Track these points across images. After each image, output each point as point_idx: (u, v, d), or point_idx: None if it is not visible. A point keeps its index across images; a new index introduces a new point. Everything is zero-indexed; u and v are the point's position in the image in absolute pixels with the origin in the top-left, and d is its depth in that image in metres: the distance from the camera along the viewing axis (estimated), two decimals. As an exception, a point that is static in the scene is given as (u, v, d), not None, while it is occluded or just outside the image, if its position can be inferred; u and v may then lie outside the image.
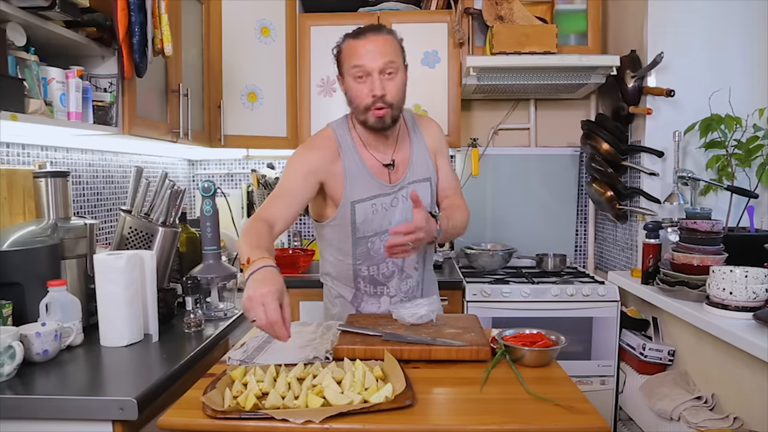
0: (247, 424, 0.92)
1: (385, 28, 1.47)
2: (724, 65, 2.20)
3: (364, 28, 1.46)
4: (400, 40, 1.49)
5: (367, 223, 1.51)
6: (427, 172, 1.58)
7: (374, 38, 1.42)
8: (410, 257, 1.54)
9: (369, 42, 1.41)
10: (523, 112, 2.91)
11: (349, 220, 1.50)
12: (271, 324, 1.06)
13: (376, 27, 1.46)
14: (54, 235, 1.42)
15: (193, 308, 1.51)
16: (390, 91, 1.43)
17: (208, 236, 1.68)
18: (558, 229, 2.85)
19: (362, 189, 1.49)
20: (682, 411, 1.71)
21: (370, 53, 1.41)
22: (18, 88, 1.31)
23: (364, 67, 1.41)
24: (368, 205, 1.50)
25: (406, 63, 1.50)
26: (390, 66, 1.41)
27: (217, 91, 2.40)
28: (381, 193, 1.51)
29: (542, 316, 2.25)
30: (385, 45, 1.42)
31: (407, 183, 1.53)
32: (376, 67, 1.40)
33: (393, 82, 1.43)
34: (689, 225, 1.87)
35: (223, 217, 1.88)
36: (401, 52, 1.48)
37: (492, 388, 1.08)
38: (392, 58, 1.42)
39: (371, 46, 1.41)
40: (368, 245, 1.53)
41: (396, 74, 1.43)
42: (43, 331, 1.24)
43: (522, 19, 2.42)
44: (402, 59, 1.47)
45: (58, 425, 1.08)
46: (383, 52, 1.41)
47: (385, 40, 1.43)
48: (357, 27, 1.48)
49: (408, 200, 1.51)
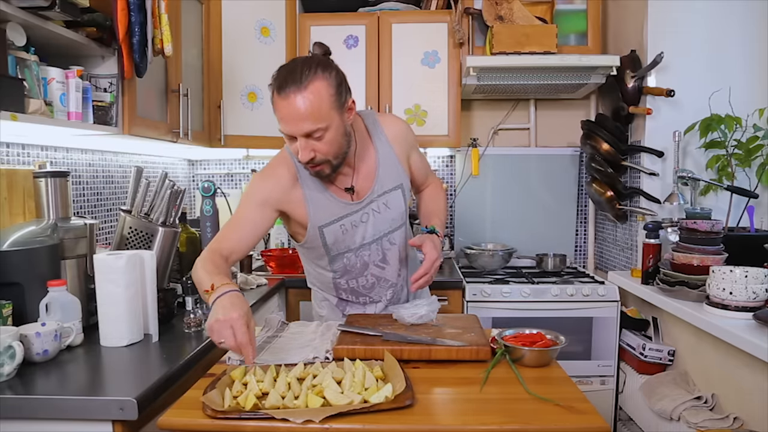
0: (247, 424, 0.92)
1: (310, 76, 1.23)
2: (724, 65, 2.20)
3: (287, 77, 1.23)
4: (333, 81, 1.26)
5: (338, 243, 1.46)
6: (397, 179, 1.49)
7: (295, 98, 1.22)
8: (391, 267, 1.54)
9: (290, 103, 1.23)
10: (523, 112, 2.91)
11: (320, 242, 1.45)
12: (239, 346, 1.11)
13: (298, 78, 1.22)
14: (54, 235, 1.42)
15: (193, 308, 1.51)
16: (320, 150, 1.29)
17: (208, 236, 1.68)
18: (558, 229, 2.85)
19: (327, 213, 1.42)
20: (682, 411, 1.71)
21: (292, 118, 1.24)
22: (18, 88, 1.31)
23: (288, 132, 1.28)
24: (336, 226, 1.44)
25: (344, 100, 1.30)
26: (316, 131, 1.25)
27: (217, 91, 2.40)
28: (348, 213, 1.44)
29: (542, 316, 2.25)
30: (311, 104, 1.22)
31: (376, 196, 1.46)
32: (300, 134, 1.26)
33: (323, 142, 1.28)
34: (689, 225, 1.87)
35: (223, 217, 1.88)
36: (335, 99, 1.26)
37: (492, 388, 1.08)
38: (318, 122, 1.24)
39: (293, 109, 1.23)
40: (344, 261, 1.50)
41: (326, 132, 1.27)
42: (43, 331, 1.24)
43: (522, 19, 2.42)
44: (336, 106, 1.27)
45: (58, 425, 1.07)
46: (305, 116, 1.23)
47: (308, 98, 1.22)
48: (286, 68, 1.26)
49: (378, 213, 1.47)
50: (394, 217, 1.50)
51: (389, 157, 1.48)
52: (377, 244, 1.50)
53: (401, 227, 1.53)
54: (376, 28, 2.56)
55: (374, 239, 1.49)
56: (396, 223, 1.51)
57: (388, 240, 1.51)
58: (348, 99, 1.32)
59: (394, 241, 1.52)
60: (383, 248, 1.51)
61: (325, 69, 1.26)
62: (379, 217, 1.48)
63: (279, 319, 1.48)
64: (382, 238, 1.50)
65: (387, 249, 1.51)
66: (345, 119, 1.32)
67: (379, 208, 1.47)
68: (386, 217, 1.49)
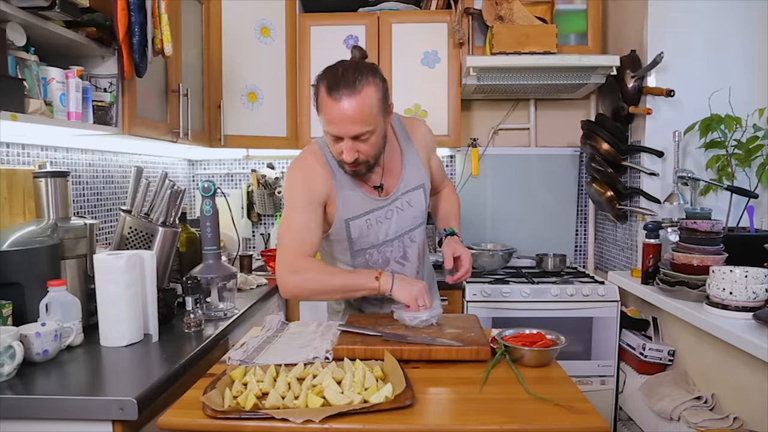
0: (247, 424, 0.92)
1: (362, 81, 1.28)
2: (724, 65, 2.20)
3: (339, 80, 1.28)
4: (381, 87, 1.32)
5: (362, 237, 1.50)
6: (420, 179, 1.55)
7: (348, 100, 1.26)
8: (411, 264, 1.58)
9: (342, 106, 1.27)
10: (523, 112, 2.91)
11: (345, 235, 1.49)
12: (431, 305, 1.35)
13: (351, 81, 1.27)
14: (54, 235, 1.42)
15: (193, 308, 1.51)
16: (364, 151, 1.34)
17: (208, 236, 1.68)
18: (558, 229, 2.85)
19: (355, 207, 1.47)
20: (682, 411, 1.71)
21: (343, 120, 1.28)
22: (18, 88, 1.31)
23: (336, 133, 1.32)
24: (362, 221, 1.48)
25: (389, 104, 1.37)
26: (364, 134, 1.31)
27: (217, 91, 2.40)
28: (374, 208, 1.49)
29: (542, 316, 2.25)
30: (361, 108, 1.27)
31: (400, 194, 1.52)
32: (349, 135, 1.31)
33: (367, 144, 1.33)
34: (689, 225, 1.87)
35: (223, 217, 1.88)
36: (382, 104, 1.32)
37: (492, 388, 1.08)
38: (367, 125, 1.30)
39: (345, 111, 1.27)
40: (366, 257, 1.53)
41: (372, 135, 1.33)
42: (43, 331, 1.24)
43: (522, 19, 2.42)
44: (382, 110, 1.33)
45: (58, 425, 1.08)
46: (356, 119, 1.28)
47: (360, 101, 1.27)
48: (335, 70, 1.30)
49: (402, 210, 1.52)
50: (416, 215, 1.56)
51: (413, 158, 1.55)
52: (399, 241, 1.54)
53: (421, 225, 1.59)
54: (376, 28, 2.56)
55: (396, 236, 1.54)
56: (417, 221, 1.57)
57: (409, 237, 1.56)
58: (390, 103, 1.39)
59: (415, 239, 1.57)
60: (404, 245, 1.56)
61: (374, 74, 1.32)
62: (402, 215, 1.52)
63: (279, 319, 1.48)
64: (404, 235, 1.55)
65: (408, 246, 1.56)
66: (387, 122, 1.39)
67: (403, 205, 1.52)
68: (408, 215, 1.54)
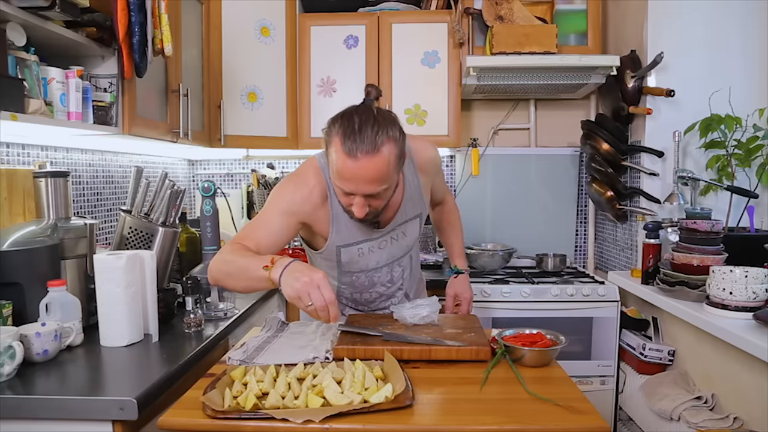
0: (247, 424, 0.92)
1: (382, 138, 1.19)
2: (724, 65, 2.20)
3: (356, 136, 1.18)
4: (400, 141, 1.24)
5: (352, 263, 1.47)
6: (418, 209, 1.50)
7: (367, 160, 1.18)
8: (395, 285, 1.57)
9: (360, 166, 1.19)
10: (523, 112, 2.91)
11: (335, 258, 1.46)
12: (329, 303, 1.10)
13: (371, 140, 1.18)
14: (54, 235, 1.42)
15: (193, 308, 1.51)
16: (375, 206, 1.29)
17: (208, 236, 1.68)
18: (558, 229, 2.85)
19: (348, 235, 1.42)
20: (682, 411, 1.71)
21: (359, 180, 1.21)
22: (18, 88, 1.31)
23: (350, 191, 1.25)
24: (354, 249, 1.45)
25: (404, 157, 1.29)
26: (379, 193, 1.25)
27: (217, 91, 2.40)
28: (367, 239, 1.45)
29: (542, 316, 2.25)
30: (380, 169, 1.20)
31: (397, 225, 1.47)
32: (363, 194, 1.24)
33: (380, 199, 1.28)
34: (689, 225, 1.87)
35: (223, 217, 1.88)
36: (399, 160, 1.25)
37: (492, 388, 1.08)
38: (383, 184, 1.23)
39: (362, 171, 1.19)
40: (353, 278, 1.52)
41: (386, 191, 1.27)
42: (43, 331, 1.24)
43: (522, 19, 2.42)
44: (399, 166, 1.27)
45: (58, 425, 1.07)
46: (374, 179, 1.21)
47: (379, 161, 1.19)
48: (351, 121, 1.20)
49: (396, 240, 1.48)
50: (408, 244, 1.53)
51: (415, 188, 1.48)
52: (388, 268, 1.53)
53: (412, 249, 1.57)
54: (376, 28, 2.56)
55: (387, 263, 1.51)
56: (409, 248, 1.55)
57: (399, 264, 1.54)
58: (405, 154, 1.29)
59: (403, 264, 1.56)
60: (392, 271, 1.54)
61: (393, 127, 1.23)
62: (395, 245, 1.50)
63: (279, 319, 1.48)
64: (394, 262, 1.53)
65: (395, 271, 1.55)
66: (401, 173, 1.34)
67: (397, 236, 1.49)
68: (402, 244, 1.51)
